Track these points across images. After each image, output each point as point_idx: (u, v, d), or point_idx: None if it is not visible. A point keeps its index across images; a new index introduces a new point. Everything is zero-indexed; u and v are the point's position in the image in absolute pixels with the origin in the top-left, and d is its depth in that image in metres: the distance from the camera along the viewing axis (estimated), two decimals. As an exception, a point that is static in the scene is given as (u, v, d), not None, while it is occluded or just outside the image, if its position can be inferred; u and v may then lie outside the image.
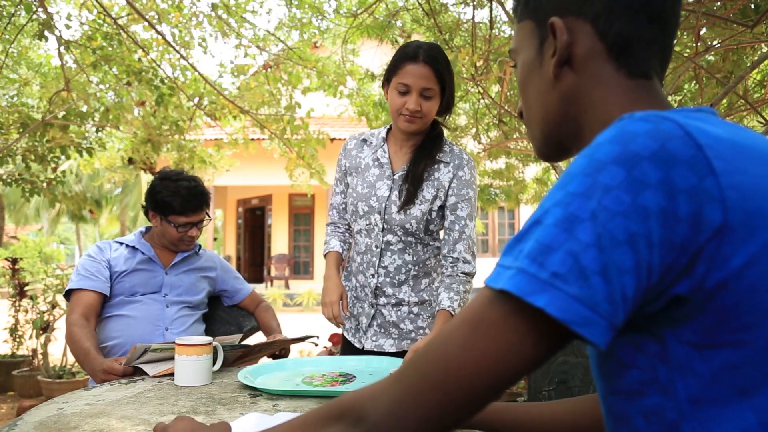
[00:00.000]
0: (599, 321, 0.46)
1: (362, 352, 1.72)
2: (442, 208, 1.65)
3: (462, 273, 1.60)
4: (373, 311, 1.70)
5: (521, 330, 0.48)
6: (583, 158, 0.50)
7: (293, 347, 1.78)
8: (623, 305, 0.47)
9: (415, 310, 1.68)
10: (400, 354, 1.66)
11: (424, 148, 1.65)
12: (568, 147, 0.69)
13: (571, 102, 0.65)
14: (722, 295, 0.48)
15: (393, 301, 1.68)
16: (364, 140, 1.75)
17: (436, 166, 1.64)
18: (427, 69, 1.55)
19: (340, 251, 1.76)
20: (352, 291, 1.76)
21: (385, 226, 1.65)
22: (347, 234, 1.81)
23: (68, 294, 1.78)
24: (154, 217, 1.88)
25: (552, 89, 0.66)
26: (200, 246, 2.02)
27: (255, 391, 1.23)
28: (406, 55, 1.57)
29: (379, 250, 1.67)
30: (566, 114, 0.66)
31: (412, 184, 1.61)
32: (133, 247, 1.88)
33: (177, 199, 1.82)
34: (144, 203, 1.92)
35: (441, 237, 1.69)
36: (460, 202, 1.63)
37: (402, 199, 1.62)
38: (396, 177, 1.66)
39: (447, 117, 1.69)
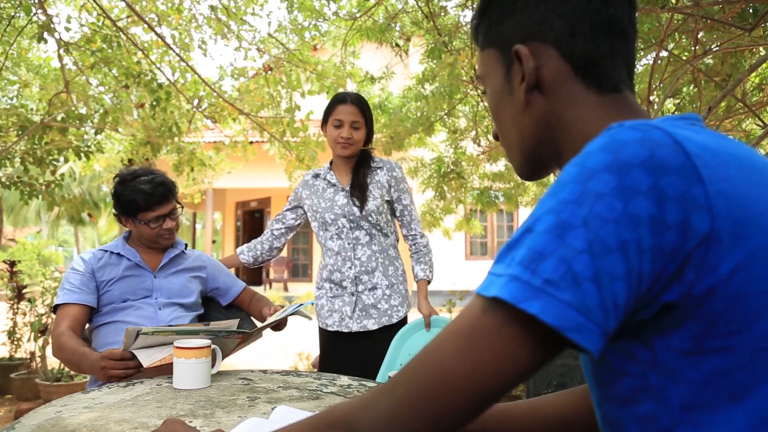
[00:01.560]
0: (592, 327, 0.46)
1: (349, 335, 2.13)
2: (390, 202, 2.18)
3: (423, 247, 2.21)
4: (354, 299, 2.13)
5: (516, 337, 0.48)
6: (573, 166, 0.50)
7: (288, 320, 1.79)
8: (615, 313, 0.47)
9: (387, 292, 2.14)
10: (381, 330, 2.13)
11: (360, 165, 2.18)
12: (549, 166, 0.70)
13: (546, 125, 0.65)
14: (710, 301, 0.48)
15: (369, 286, 2.14)
16: (317, 174, 2.27)
17: (374, 172, 2.17)
18: (354, 107, 2.13)
19: (244, 253, 2.34)
20: (328, 292, 2.17)
21: (353, 225, 2.14)
22: (274, 236, 2.32)
23: (56, 308, 1.76)
24: (126, 221, 1.85)
25: (524, 114, 0.66)
26: (186, 245, 1.99)
27: (254, 394, 1.23)
28: (337, 99, 2.16)
29: (351, 245, 2.14)
30: (543, 137, 0.66)
31: (360, 191, 2.13)
32: (119, 254, 1.85)
33: (139, 196, 1.79)
34: (113, 211, 1.89)
35: (399, 227, 2.24)
36: (402, 194, 2.20)
37: (359, 202, 2.12)
38: (347, 189, 2.16)
39: (371, 144, 2.23)
